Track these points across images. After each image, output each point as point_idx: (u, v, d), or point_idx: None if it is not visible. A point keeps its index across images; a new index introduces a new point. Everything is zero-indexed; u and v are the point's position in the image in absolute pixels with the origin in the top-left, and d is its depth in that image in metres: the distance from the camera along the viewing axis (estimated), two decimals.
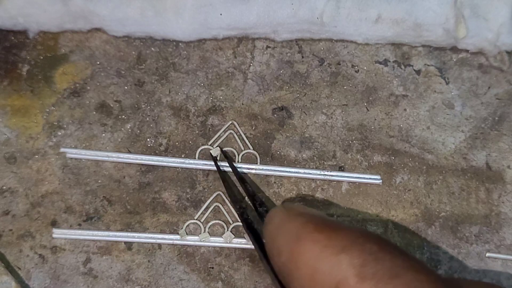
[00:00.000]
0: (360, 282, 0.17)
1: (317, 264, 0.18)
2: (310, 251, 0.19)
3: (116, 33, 0.34)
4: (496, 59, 0.35)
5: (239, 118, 0.33)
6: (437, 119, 0.34)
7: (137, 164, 0.32)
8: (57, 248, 0.31)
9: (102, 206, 0.31)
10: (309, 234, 0.20)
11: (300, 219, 0.21)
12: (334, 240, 0.19)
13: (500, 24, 0.34)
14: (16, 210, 0.31)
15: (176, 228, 0.31)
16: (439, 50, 0.35)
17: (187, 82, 0.34)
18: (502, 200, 0.33)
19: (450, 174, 0.33)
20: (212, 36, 0.34)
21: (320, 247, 0.19)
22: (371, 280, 0.17)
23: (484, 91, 0.35)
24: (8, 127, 0.32)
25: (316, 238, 0.19)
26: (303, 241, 0.19)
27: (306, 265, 0.19)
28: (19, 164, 0.32)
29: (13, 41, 0.34)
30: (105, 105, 0.33)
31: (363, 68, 0.35)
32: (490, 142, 0.34)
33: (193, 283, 0.30)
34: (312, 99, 0.34)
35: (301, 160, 0.33)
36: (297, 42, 0.35)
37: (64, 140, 0.32)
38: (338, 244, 0.18)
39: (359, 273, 0.17)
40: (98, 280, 0.30)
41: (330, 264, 0.18)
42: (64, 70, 0.33)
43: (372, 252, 0.18)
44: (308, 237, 0.19)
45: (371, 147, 0.33)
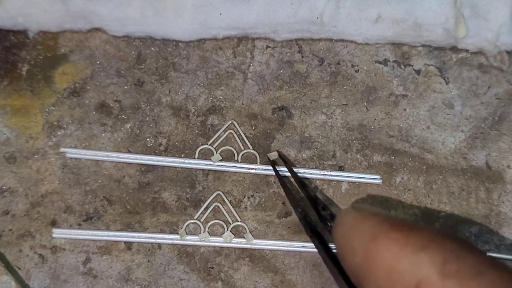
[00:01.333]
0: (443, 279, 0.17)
1: (395, 263, 0.18)
2: (388, 250, 0.19)
3: (116, 33, 0.34)
4: (496, 59, 0.35)
5: (239, 118, 0.33)
6: (437, 119, 0.34)
7: (137, 164, 0.32)
8: (57, 248, 0.31)
9: (102, 206, 0.31)
10: (386, 233, 0.19)
11: (375, 218, 0.21)
12: (412, 239, 0.19)
13: (500, 24, 0.33)
14: (16, 210, 0.31)
15: (176, 228, 0.31)
16: (439, 50, 0.35)
17: (187, 82, 0.34)
18: (502, 200, 0.33)
19: (450, 174, 0.33)
20: (212, 36, 0.34)
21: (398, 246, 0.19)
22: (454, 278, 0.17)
23: (484, 91, 0.35)
24: (8, 127, 0.32)
25: (393, 237, 0.19)
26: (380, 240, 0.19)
27: (384, 264, 0.19)
28: (19, 164, 0.32)
29: (13, 41, 0.34)
30: (105, 105, 0.33)
31: (363, 68, 0.35)
32: (490, 142, 0.34)
33: (193, 283, 0.30)
34: (312, 99, 0.34)
35: (301, 160, 0.33)
36: (297, 42, 0.35)
37: (64, 140, 0.32)
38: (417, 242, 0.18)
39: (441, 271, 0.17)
40: (98, 280, 0.30)
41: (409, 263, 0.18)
42: (64, 70, 0.33)
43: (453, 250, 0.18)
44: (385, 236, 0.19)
45: (371, 147, 0.33)
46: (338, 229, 0.22)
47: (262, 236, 0.31)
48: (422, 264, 0.17)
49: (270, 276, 0.31)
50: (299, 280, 0.31)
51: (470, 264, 0.17)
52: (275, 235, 0.32)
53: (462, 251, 0.18)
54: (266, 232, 0.32)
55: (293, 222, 0.32)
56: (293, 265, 0.31)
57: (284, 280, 0.31)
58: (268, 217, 0.32)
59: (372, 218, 0.21)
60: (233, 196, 0.32)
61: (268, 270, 0.31)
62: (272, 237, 0.32)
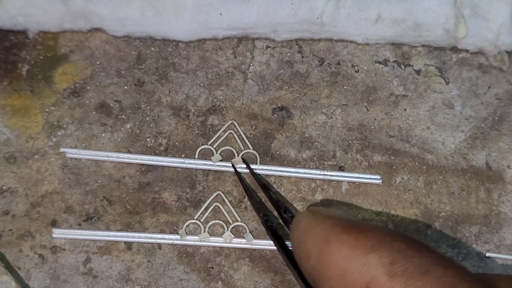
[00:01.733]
0: (391, 280, 0.17)
1: (346, 265, 0.19)
2: (339, 252, 0.19)
3: (116, 33, 0.34)
4: (496, 59, 0.35)
5: (239, 118, 0.33)
6: (437, 119, 0.34)
7: (137, 164, 0.32)
8: (57, 248, 0.31)
9: (102, 206, 0.31)
10: (337, 236, 0.20)
11: (327, 221, 0.21)
12: (362, 240, 0.19)
13: (500, 24, 0.33)
14: (16, 210, 0.31)
15: (176, 228, 0.31)
16: (439, 50, 0.35)
17: (187, 82, 0.34)
18: (502, 200, 0.33)
19: (450, 174, 0.33)
20: (212, 36, 0.34)
21: (348, 248, 0.19)
22: (401, 277, 0.17)
23: (484, 91, 0.35)
24: (8, 127, 0.32)
25: (344, 239, 0.19)
26: (332, 243, 0.20)
27: (336, 266, 0.19)
28: (19, 164, 0.32)
29: (13, 41, 0.34)
30: (105, 105, 0.33)
31: (363, 68, 0.35)
32: (490, 142, 0.34)
33: (193, 283, 0.30)
34: (312, 99, 0.34)
35: (301, 160, 0.33)
36: (297, 42, 0.35)
37: (64, 140, 0.32)
38: (366, 244, 0.19)
39: (389, 271, 0.17)
40: (98, 280, 0.30)
41: (359, 264, 0.18)
42: (64, 70, 0.33)
43: (401, 250, 0.18)
44: (336, 239, 0.20)
45: (371, 147, 0.33)
46: (293, 233, 0.23)
47: (262, 236, 0.31)
48: (371, 265, 0.18)
49: (270, 276, 0.31)
50: None
51: (417, 263, 0.17)
52: None
53: (410, 251, 0.18)
54: (266, 232, 0.32)
55: None
56: None
57: (284, 280, 0.31)
58: None
59: (325, 221, 0.21)
60: (233, 196, 0.32)
61: (268, 270, 0.31)
62: None
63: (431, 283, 0.17)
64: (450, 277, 0.17)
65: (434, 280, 0.17)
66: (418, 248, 0.18)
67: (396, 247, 0.18)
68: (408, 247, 0.18)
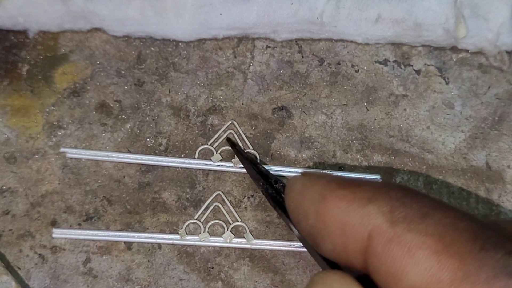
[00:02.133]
0: (393, 226, 0.17)
1: (346, 218, 0.19)
2: (337, 207, 0.19)
3: (116, 33, 0.34)
4: (496, 59, 0.35)
5: (239, 118, 0.33)
6: (437, 119, 0.34)
7: (137, 164, 0.32)
8: (57, 248, 0.31)
9: (102, 206, 0.31)
10: (333, 192, 0.20)
11: (321, 180, 0.21)
12: (359, 193, 0.19)
13: (500, 24, 0.33)
14: (16, 210, 0.31)
15: (176, 228, 0.31)
16: (439, 50, 0.35)
17: (187, 82, 0.34)
18: (502, 200, 0.33)
19: (450, 174, 0.33)
20: (212, 36, 0.34)
21: (346, 202, 0.19)
22: (403, 223, 0.17)
23: (484, 91, 0.35)
24: (8, 127, 0.32)
25: (341, 194, 0.20)
26: (329, 199, 0.20)
27: (335, 221, 0.19)
28: (19, 164, 0.32)
29: (13, 41, 0.34)
30: (105, 105, 0.33)
31: (363, 68, 0.35)
32: (490, 142, 0.34)
33: (193, 283, 0.30)
34: (312, 99, 0.34)
35: (301, 160, 0.33)
36: (297, 42, 0.35)
37: (64, 140, 0.32)
38: (363, 196, 0.19)
39: (390, 219, 0.18)
40: (98, 280, 0.30)
41: (359, 216, 0.18)
42: (64, 70, 0.33)
43: (398, 198, 0.18)
44: (333, 194, 0.20)
45: (371, 147, 0.33)
46: (288, 196, 0.23)
47: (262, 236, 0.31)
48: (371, 215, 0.18)
49: (270, 276, 0.31)
50: (299, 280, 0.31)
51: (416, 208, 0.18)
52: (275, 235, 0.32)
53: (408, 198, 0.18)
54: (266, 232, 0.32)
55: None
56: (293, 265, 0.31)
57: (284, 280, 0.31)
58: (268, 217, 0.32)
59: (319, 180, 0.21)
60: (233, 196, 0.32)
61: (268, 270, 0.31)
62: (272, 237, 0.32)
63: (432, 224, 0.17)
64: (450, 218, 0.17)
65: (434, 222, 0.17)
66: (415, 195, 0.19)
67: (393, 195, 0.18)
68: (405, 195, 0.19)
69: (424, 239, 0.17)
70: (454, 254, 0.16)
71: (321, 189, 0.21)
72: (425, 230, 0.17)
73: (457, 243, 0.16)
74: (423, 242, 0.16)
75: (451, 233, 0.17)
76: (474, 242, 0.16)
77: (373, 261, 0.18)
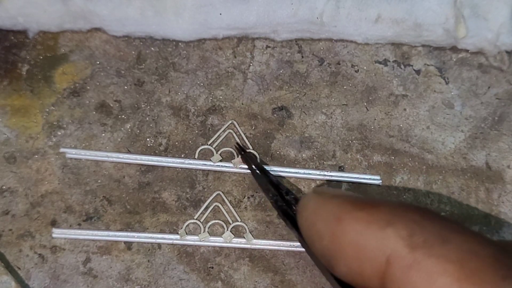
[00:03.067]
0: (412, 251, 0.17)
1: (362, 241, 0.18)
2: (353, 229, 0.19)
3: (116, 33, 0.34)
4: (496, 59, 0.35)
5: (239, 118, 0.33)
6: (437, 119, 0.34)
7: (137, 164, 0.32)
8: (57, 248, 0.31)
9: (102, 206, 0.31)
10: (349, 213, 0.19)
11: (336, 200, 0.21)
12: (376, 215, 0.19)
13: (500, 24, 0.33)
14: (16, 210, 0.31)
15: (175, 228, 0.31)
16: (439, 50, 0.35)
17: (187, 82, 0.34)
18: (502, 200, 0.33)
19: (450, 174, 0.33)
20: (212, 36, 0.34)
21: (363, 224, 0.19)
22: (423, 248, 0.17)
23: (484, 91, 0.35)
24: (8, 127, 0.32)
25: (357, 216, 0.19)
26: (344, 221, 0.19)
27: (351, 244, 0.19)
28: (18, 164, 0.32)
29: (13, 41, 0.34)
30: (105, 105, 0.33)
31: (363, 68, 0.35)
32: (490, 142, 0.34)
33: (193, 283, 0.30)
34: (312, 99, 0.34)
35: (301, 160, 0.33)
36: (297, 42, 0.35)
37: (64, 140, 0.32)
38: (381, 218, 0.18)
39: (409, 243, 0.17)
40: (98, 280, 0.30)
41: (376, 240, 0.18)
42: (64, 70, 0.34)
43: (416, 221, 0.18)
44: (349, 216, 0.19)
45: (371, 147, 0.33)
46: (301, 215, 0.23)
47: (262, 236, 0.31)
48: (389, 239, 0.18)
49: (270, 276, 0.31)
50: (299, 280, 0.31)
51: (436, 233, 0.17)
52: (275, 235, 0.32)
53: (427, 221, 0.18)
54: (266, 232, 0.32)
55: None
56: (293, 265, 0.31)
57: (284, 280, 0.31)
58: (268, 217, 0.32)
59: (333, 200, 0.21)
60: (233, 196, 0.32)
61: (268, 270, 0.31)
62: (272, 237, 0.32)
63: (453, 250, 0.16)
64: (471, 243, 0.17)
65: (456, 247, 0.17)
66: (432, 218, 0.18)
67: (411, 218, 0.18)
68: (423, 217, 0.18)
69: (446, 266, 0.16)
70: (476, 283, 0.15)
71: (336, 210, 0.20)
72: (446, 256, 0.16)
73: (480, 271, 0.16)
74: (444, 269, 0.16)
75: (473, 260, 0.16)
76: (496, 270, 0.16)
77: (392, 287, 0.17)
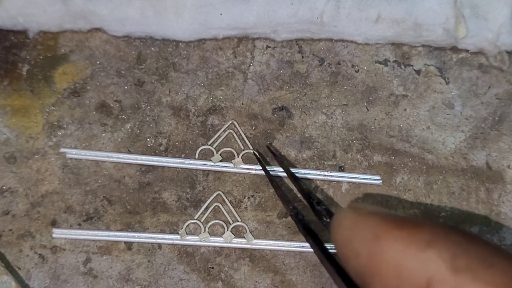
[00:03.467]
0: (455, 275, 0.17)
1: (402, 262, 0.18)
2: (393, 249, 0.19)
3: (116, 33, 0.34)
4: (496, 59, 0.35)
5: (239, 118, 0.33)
6: (437, 119, 0.34)
7: (137, 164, 0.32)
8: (57, 248, 0.31)
9: (102, 206, 0.31)
10: (388, 232, 0.19)
11: (374, 218, 0.20)
12: (416, 236, 0.18)
13: (500, 24, 0.34)
14: (16, 210, 0.31)
15: (176, 228, 0.31)
16: (439, 50, 0.35)
17: (187, 82, 0.34)
18: (502, 200, 0.33)
19: (450, 174, 0.33)
20: (212, 36, 0.34)
21: (403, 244, 0.18)
22: (466, 272, 0.16)
23: (484, 91, 0.35)
24: (8, 127, 0.32)
25: (397, 235, 0.19)
26: (384, 240, 0.19)
27: (390, 264, 0.18)
28: (19, 164, 0.32)
29: (13, 41, 0.34)
30: (105, 105, 0.33)
31: (363, 68, 0.35)
32: (490, 142, 0.34)
33: (193, 283, 0.30)
34: (312, 99, 0.34)
35: (301, 160, 0.33)
36: (297, 42, 0.35)
37: (64, 140, 0.32)
38: (422, 239, 0.18)
39: (452, 266, 0.17)
40: (98, 280, 0.30)
41: (417, 261, 0.18)
42: (64, 70, 0.33)
43: (460, 244, 0.18)
44: (388, 235, 0.19)
45: (371, 147, 0.33)
46: (337, 231, 0.22)
47: (262, 236, 0.31)
48: (431, 261, 0.17)
49: (270, 276, 0.31)
50: (299, 280, 0.31)
51: (480, 257, 0.17)
52: (275, 235, 0.32)
53: (470, 244, 0.18)
54: (266, 232, 0.32)
55: (293, 222, 0.32)
56: (293, 265, 0.31)
57: (284, 280, 0.31)
58: (268, 217, 0.32)
59: (371, 217, 0.21)
60: (233, 196, 0.32)
61: (268, 270, 0.31)
62: (272, 237, 0.32)
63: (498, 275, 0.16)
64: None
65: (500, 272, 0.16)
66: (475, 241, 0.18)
67: (453, 241, 0.18)
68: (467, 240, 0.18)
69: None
70: None
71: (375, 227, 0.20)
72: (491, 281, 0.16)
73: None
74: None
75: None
76: None
77: None
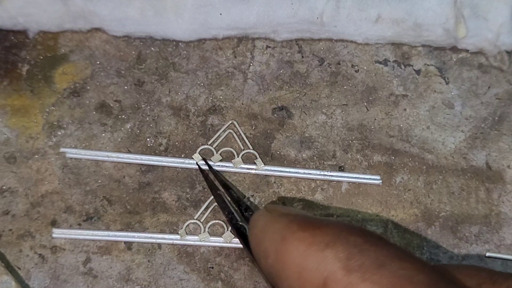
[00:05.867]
0: (347, 274, 0.17)
1: (303, 262, 0.19)
2: (296, 250, 0.19)
3: (116, 33, 0.34)
4: (496, 59, 0.35)
5: (239, 118, 0.33)
6: (437, 119, 0.34)
7: (137, 164, 0.32)
8: (57, 248, 0.31)
9: (102, 206, 0.31)
10: (293, 234, 0.20)
11: (283, 219, 0.21)
12: (318, 237, 0.19)
13: (500, 24, 0.34)
14: (16, 210, 0.31)
15: (176, 228, 0.31)
16: (439, 50, 0.35)
17: (187, 82, 0.34)
18: (502, 200, 0.33)
19: (450, 174, 0.33)
20: (212, 36, 0.34)
21: (305, 245, 0.19)
22: (358, 272, 0.17)
23: (484, 91, 0.35)
24: (8, 127, 0.32)
25: (300, 236, 0.19)
26: (288, 241, 0.20)
27: (293, 264, 0.19)
28: (19, 164, 0.32)
29: (13, 41, 0.34)
30: (105, 105, 0.33)
31: (363, 68, 0.35)
32: (490, 142, 0.34)
33: (193, 283, 0.30)
34: (312, 99, 0.34)
35: (301, 160, 0.33)
36: (297, 42, 0.35)
37: (64, 140, 0.32)
38: (322, 240, 0.19)
39: (346, 266, 0.17)
40: (98, 280, 0.30)
41: (316, 261, 0.18)
42: (64, 70, 0.34)
43: (357, 245, 0.18)
44: (293, 236, 0.20)
45: (371, 147, 0.33)
46: (251, 232, 0.23)
47: None
48: (327, 261, 0.18)
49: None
50: None
51: (373, 257, 0.18)
52: None
53: (367, 245, 0.18)
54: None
55: None
56: None
57: None
58: None
59: (281, 219, 0.21)
60: None
61: None
62: None
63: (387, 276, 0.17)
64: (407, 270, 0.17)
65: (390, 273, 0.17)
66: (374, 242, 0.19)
67: (352, 241, 0.18)
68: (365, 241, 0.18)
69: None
70: None
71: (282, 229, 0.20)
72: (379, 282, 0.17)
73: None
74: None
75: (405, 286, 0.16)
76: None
77: None
